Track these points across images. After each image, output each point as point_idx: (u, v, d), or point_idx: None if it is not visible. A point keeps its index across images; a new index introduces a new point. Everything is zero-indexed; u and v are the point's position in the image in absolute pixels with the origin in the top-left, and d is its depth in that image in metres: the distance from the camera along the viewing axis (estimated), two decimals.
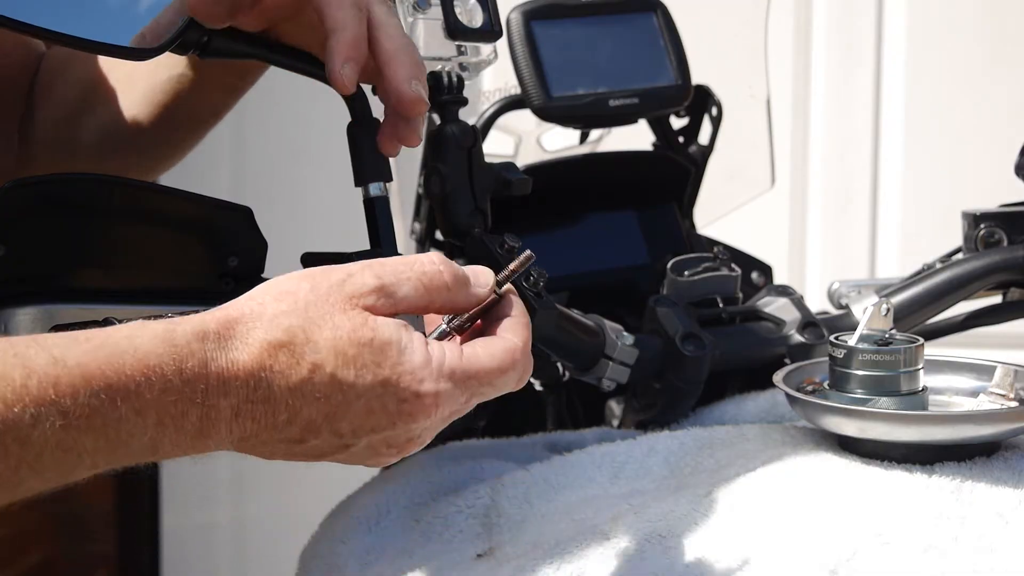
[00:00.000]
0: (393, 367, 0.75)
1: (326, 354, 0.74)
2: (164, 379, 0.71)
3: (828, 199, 2.65)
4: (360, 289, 0.76)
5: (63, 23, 0.87)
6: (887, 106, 2.63)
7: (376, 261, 0.78)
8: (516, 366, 0.79)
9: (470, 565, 0.93)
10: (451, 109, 1.01)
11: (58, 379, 0.68)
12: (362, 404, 0.75)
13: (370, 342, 0.74)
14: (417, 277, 0.77)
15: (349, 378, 0.74)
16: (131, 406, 0.70)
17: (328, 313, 0.75)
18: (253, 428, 0.74)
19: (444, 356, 0.76)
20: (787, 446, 0.97)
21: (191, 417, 0.72)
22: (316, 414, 0.75)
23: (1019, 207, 1.17)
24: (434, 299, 0.78)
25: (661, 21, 1.17)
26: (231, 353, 0.73)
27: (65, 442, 0.68)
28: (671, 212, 1.28)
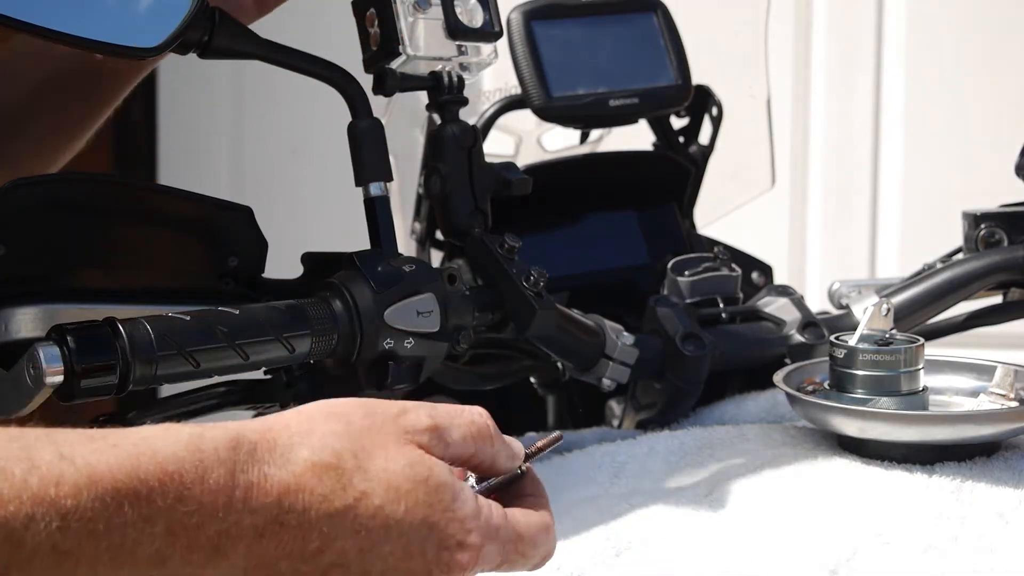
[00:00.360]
0: (444, 511, 0.70)
1: (376, 484, 0.69)
2: (182, 487, 0.65)
3: (828, 199, 2.65)
4: (415, 425, 0.71)
5: (63, 22, 0.87)
6: (887, 106, 2.63)
7: (427, 404, 0.74)
8: (549, 541, 0.76)
9: None
10: (451, 109, 1.01)
11: (61, 477, 0.63)
12: (402, 545, 0.69)
13: (425, 480, 0.70)
14: (467, 425, 0.74)
15: (397, 514, 0.69)
16: (139, 512, 0.64)
17: (382, 444, 0.70)
18: (275, 554, 0.67)
19: (492, 512, 0.72)
20: (787, 446, 0.97)
21: (207, 531, 0.66)
22: (351, 547, 0.69)
23: (1019, 207, 1.17)
24: (478, 452, 0.74)
25: (661, 21, 1.17)
26: (266, 468, 0.67)
27: (61, 546, 0.63)
28: (671, 212, 1.28)
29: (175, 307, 0.88)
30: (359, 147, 0.96)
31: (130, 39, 0.90)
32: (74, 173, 0.96)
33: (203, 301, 0.90)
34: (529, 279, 0.98)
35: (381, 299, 0.92)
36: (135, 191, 0.91)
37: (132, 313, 0.85)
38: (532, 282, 0.98)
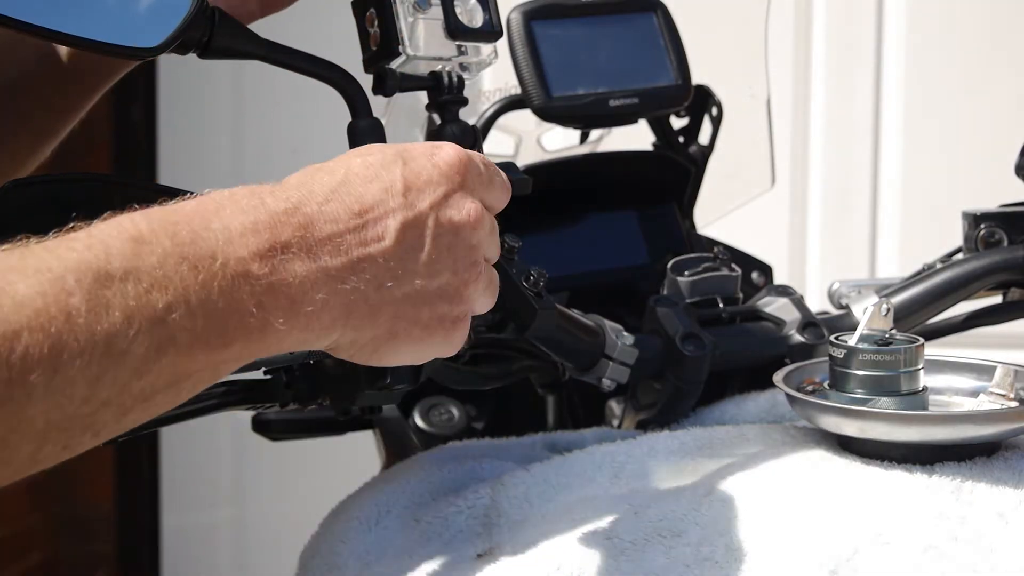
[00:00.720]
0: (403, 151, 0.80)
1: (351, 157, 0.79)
2: (235, 197, 0.72)
3: (828, 199, 2.65)
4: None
5: (63, 22, 0.87)
6: (887, 106, 2.63)
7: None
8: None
9: (470, 565, 0.93)
10: (451, 109, 1.01)
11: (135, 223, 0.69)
12: (402, 157, 0.79)
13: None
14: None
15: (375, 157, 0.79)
16: (214, 221, 0.70)
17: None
18: (333, 228, 0.74)
19: None
20: (787, 446, 0.97)
21: (291, 223, 0.72)
22: (375, 189, 0.77)
23: (1019, 207, 1.17)
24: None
25: (661, 21, 1.17)
26: (343, 198, 0.76)
27: (147, 268, 0.66)
28: (671, 212, 1.28)
29: None
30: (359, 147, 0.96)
31: (130, 39, 0.90)
32: (74, 173, 0.96)
33: None
34: (529, 279, 0.98)
35: None
36: (135, 191, 0.91)
37: None
38: (532, 282, 0.98)
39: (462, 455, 1.08)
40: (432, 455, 1.08)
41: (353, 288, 0.74)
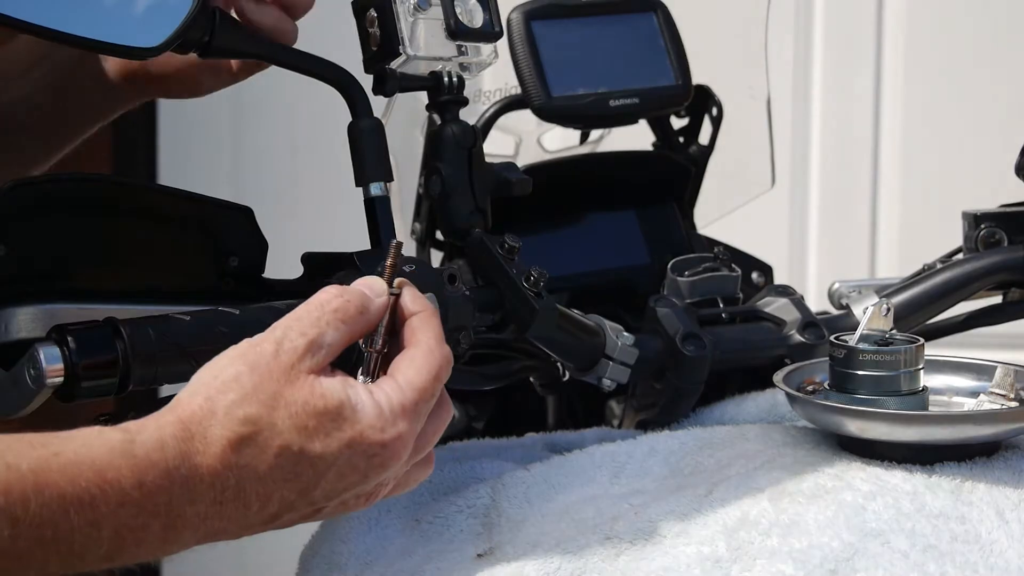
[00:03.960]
0: (352, 427, 0.76)
1: (289, 434, 0.74)
2: (122, 493, 0.70)
3: (828, 199, 2.65)
4: (294, 355, 0.76)
5: (63, 22, 0.87)
6: (887, 106, 2.63)
7: (290, 317, 0.78)
8: (441, 364, 0.80)
9: (470, 565, 0.93)
10: (451, 109, 1.01)
11: (9, 487, 0.66)
12: (334, 472, 0.76)
13: (325, 409, 0.75)
14: (332, 316, 0.78)
15: (317, 449, 0.75)
16: (85, 518, 0.69)
17: (277, 392, 0.75)
18: (222, 525, 0.74)
19: (389, 397, 0.77)
20: (787, 446, 0.97)
21: (153, 528, 0.71)
22: (289, 492, 0.75)
23: (1019, 207, 1.17)
24: (353, 329, 0.79)
25: (661, 21, 1.17)
26: (194, 459, 0.72)
27: (13, 552, 0.67)
28: (671, 212, 1.28)
29: (175, 307, 0.87)
30: (359, 147, 0.96)
31: (131, 39, 0.90)
32: (74, 173, 0.96)
33: (203, 301, 0.90)
34: (529, 279, 0.98)
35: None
36: (135, 191, 0.91)
37: (132, 313, 0.85)
38: (532, 282, 0.98)
39: (462, 455, 1.08)
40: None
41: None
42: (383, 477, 0.79)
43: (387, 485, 0.80)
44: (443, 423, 0.82)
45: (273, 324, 0.78)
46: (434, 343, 0.80)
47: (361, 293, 0.80)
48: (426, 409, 0.79)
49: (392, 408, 0.77)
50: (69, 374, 0.81)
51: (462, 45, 1.00)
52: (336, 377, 0.77)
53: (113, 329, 0.82)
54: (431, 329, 0.81)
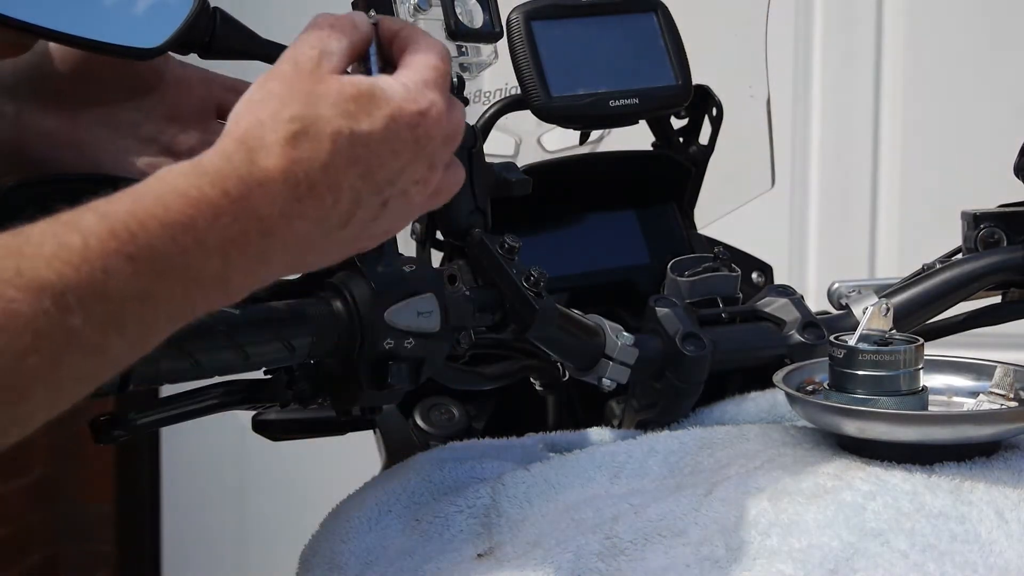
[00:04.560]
0: (388, 103, 0.80)
1: (336, 120, 0.78)
2: (212, 205, 0.73)
3: (828, 199, 2.65)
4: (312, 62, 0.80)
5: (64, 23, 0.87)
6: (886, 106, 2.63)
7: (293, 43, 0.82)
8: (440, 49, 0.84)
9: (470, 565, 0.93)
10: None
11: (114, 230, 0.69)
12: (387, 148, 0.79)
13: (359, 93, 0.79)
14: (331, 30, 0.82)
15: (365, 128, 0.78)
16: (191, 237, 0.71)
17: (311, 90, 0.78)
18: (306, 229, 0.77)
19: (410, 76, 0.82)
20: (787, 446, 0.98)
21: (250, 236, 0.74)
22: (354, 178, 0.78)
23: (1019, 207, 1.17)
24: (352, 39, 0.83)
25: (661, 21, 1.17)
26: (260, 162, 0.75)
27: (141, 290, 0.69)
28: (671, 212, 1.28)
29: None
30: None
31: (131, 39, 0.90)
32: (74, 173, 0.95)
33: None
34: (529, 279, 0.98)
35: (381, 299, 0.92)
36: None
37: None
38: (532, 282, 0.98)
39: (462, 455, 1.08)
40: (432, 455, 1.08)
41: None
42: (430, 151, 0.81)
43: (436, 168, 0.83)
44: (460, 116, 0.85)
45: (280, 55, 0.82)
46: (425, 36, 0.85)
47: (348, 15, 0.84)
48: (446, 83, 0.83)
49: (416, 83, 0.81)
50: None
51: (462, 45, 1.00)
52: (357, 73, 0.81)
53: None
54: (419, 33, 0.85)
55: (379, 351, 0.92)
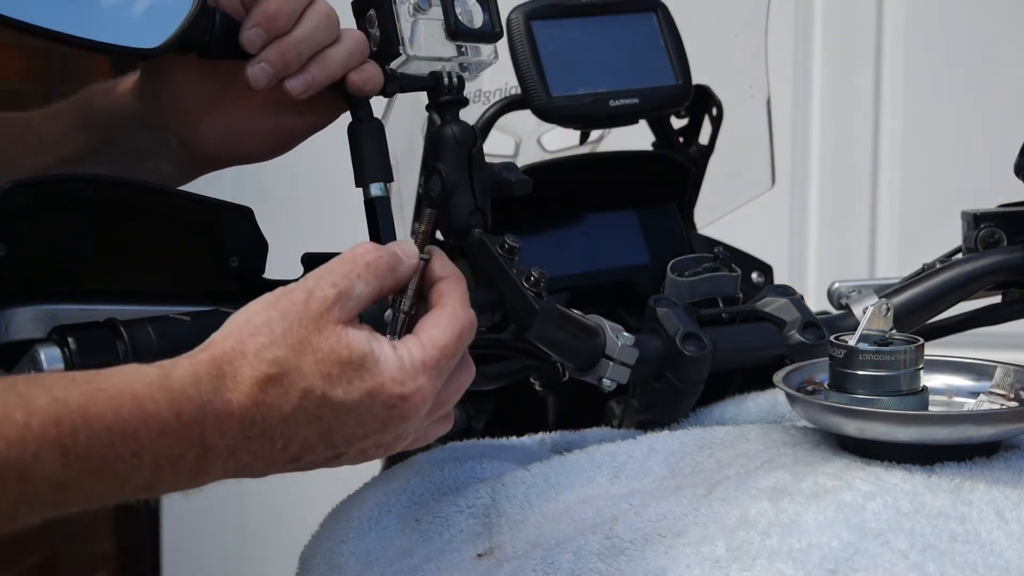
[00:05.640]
0: (374, 377, 0.79)
1: (313, 378, 0.78)
2: (161, 423, 0.73)
3: (828, 199, 2.65)
4: (324, 304, 0.79)
5: (64, 23, 0.87)
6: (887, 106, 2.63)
7: (324, 268, 0.81)
8: (465, 326, 0.84)
9: (470, 565, 0.93)
10: (451, 109, 1.01)
11: (59, 419, 0.70)
12: (353, 418, 0.79)
13: (349, 359, 0.78)
14: (364, 270, 0.81)
15: (338, 396, 0.78)
16: (129, 448, 0.72)
17: (305, 338, 0.78)
18: (249, 460, 0.78)
19: (411, 353, 0.81)
20: (787, 446, 0.98)
21: (188, 458, 0.75)
22: (311, 434, 0.79)
23: (1019, 207, 1.17)
24: (383, 284, 0.82)
25: (661, 21, 1.17)
26: (225, 394, 0.76)
27: (63, 481, 0.71)
28: (671, 212, 1.28)
29: (176, 308, 0.88)
30: (359, 148, 0.97)
31: (131, 40, 0.90)
32: (74, 173, 0.96)
33: (204, 302, 0.90)
34: (529, 279, 0.98)
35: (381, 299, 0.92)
36: (135, 191, 0.91)
37: (133, 314, 0.85)
38: (532, 282, 0.98)
39: (462, 455, 1.08)
40: (432, 455, 1.08)
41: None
42: (402, 429, 0.82)
43: (406, 438, 0.84)
44: (464, 382, 0.85)
45: (305, 275, 0.82)
46: (459, 306, 0.84)
47: (393, 252, 0.84)
48: (447, 367, 0.82)
49: (414, 364, 0.80)
50: None
51: (462, 45, 1.00)
52: (363, 330, 0.80)
53: (113, 330, 0.82)
54: (457, 293, 0.85)
55: None
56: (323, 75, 0.95)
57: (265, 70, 0.94)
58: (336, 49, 0.95)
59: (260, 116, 0.99)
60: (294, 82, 0.94)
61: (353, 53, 0.95)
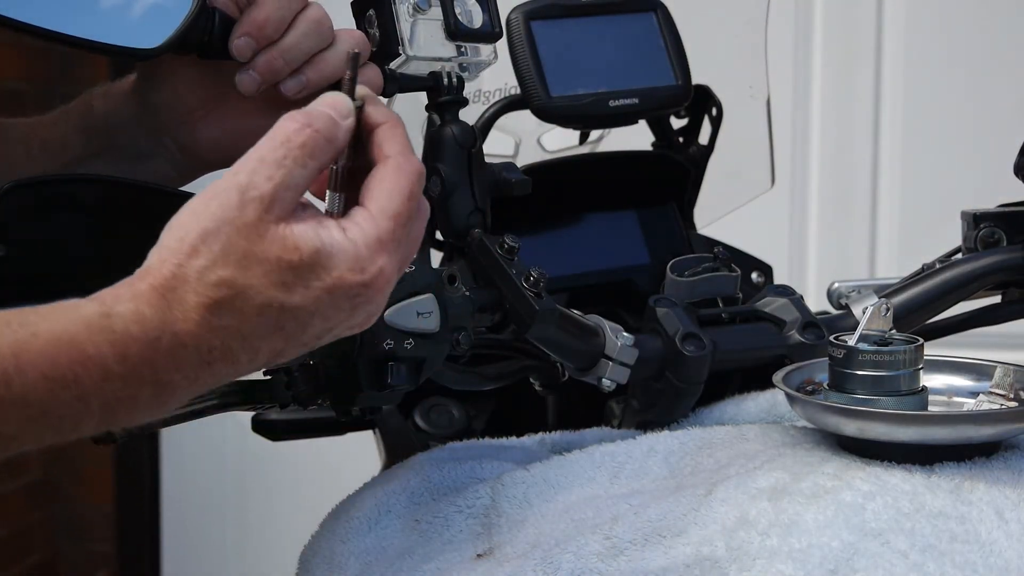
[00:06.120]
0: (330, 273, 0.73)
1: (267, 291, 0.72)
2: (105, 368, 0.69)
3: (828, 199, 2.65)
4: (261, 205, 0.72)
5: (63, 23, 0.87)
6: (887, 106, 2.63)
7: (254, 154, 0.74)
8: (413, 180, 0.77)
9: (470, 565, 0.93)
10: (451, 109, 1.01)
11: None
12: (318, 318, 0.74)
13: (300, 261, 0.72)
14: (299, 151, 0.74)
15: (297, 301, 0.73)
16: (71, 393, 0.69)
17: (248, 250, 0.72)
18: (215, 381, 0.73)
19: (364, 232, 0.75)
20: (787, 446, 0.98)
21: (143, 396, 0.71)
22: (277, 342, 0.74)
23: (1019, 207, 1.17)
24: (322, 162, 0.75)
25: (661, 21, 1.17)
26: (174, 327, 0.71)
27: (3, 431, 0.67)
28: (671, 212, 1.28)
29: None
30: None
31: (130, 40, 0.90)
32: (74, 173, 0.96)
33: None
34: (529, 279, 0.98)
35: None
36: (135, 191, 0.91)
37: None
38: (532, 282, 0.98)
39: (462, 455, 1.08)
40: (432, 455, 1.08)
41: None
42: (371, 309, 0.77)
43: (378, 311, 0.78)
44: (422, 227, 0.79)
45: (235, 164, 0.74)
46: (402, 158, 0.77)
47: (328, 119, 0.75)
48: (404, 233, 0.76)
49: (368, 245, 0.74)
50: None
51: (462, 46, 1.00)
52: (307, 222, 0.73)
53: None
54: (398, 141, 0.78)
55: (379, 352, 0.92)
56: (318, 77, 0.95)
57: (253, 78, 0.94)
58: (332, 52, 0.95)
59: (258, 117, 0.99)
60: (289, 83, 0.94)
61: None
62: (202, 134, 1.00)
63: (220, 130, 1.00)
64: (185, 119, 1.00)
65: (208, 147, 1.01)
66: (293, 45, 0.93)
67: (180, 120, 1.00)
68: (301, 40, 0.93)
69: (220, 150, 1.01)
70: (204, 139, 1.00)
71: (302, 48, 0.94)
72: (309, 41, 0.94)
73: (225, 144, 1.00)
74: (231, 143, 1.00)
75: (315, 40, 0.94)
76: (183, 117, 0.99)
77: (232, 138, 1.00)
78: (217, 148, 1.01)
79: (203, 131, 1.00)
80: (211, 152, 1.01)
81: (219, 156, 1.01)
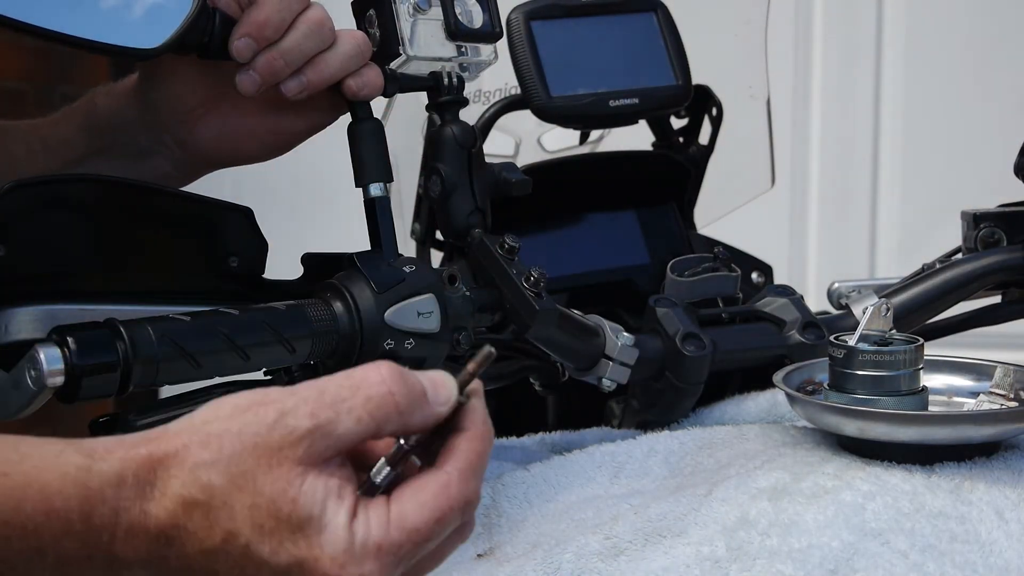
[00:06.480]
0: (310, 548, 0.66)
1: (241, 523, 0.66)
2: (67, 523, 0.65)
3: (828, 199, 2.65)
4: (290, 436, 0.66)
5: (64, 23, 0.87)
6: (887, 106, 2.63)
7: (315, 389, 0.68)
8: (454, 507, 0.68)
9: (470, 565, 0.93)
10: (451, 109, 1.01)
11: None
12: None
13: (288, 516, 0.66)
14: (361, 406, 0.67)
15: (263, 553, 0.66)
16: (28, 545, 0.65)
17: (250, 472, 0.66)
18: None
19: (368, 531, 0.67)
20: (787, 446, 0.98)
21: (96, 563, 0.66)
22: (232, 571, 0.67)
23: (1019, 207, 1.17)
24: (382, 427, 0.68)
25: (661, 21, 1.17)
26: (145, 504, 0.66)
27: None
28: (671, 212, 1.28)
29: (176, 308, 0.88)
30: (359, 148, 0.97)
31: (131, 40, 0.90)
32: (74, 173, 0.96)
33: (204, 302, 0.90)
34: (529, 279, 0.98)
35: (382, 300, 0.92)
36: (135, 191, 0.91)
37: (133, 314, 0.85)
38: (532, 282, 0.98)
39: None
40: None
41: None
42: None
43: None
44: (448, 549, 0.71)
45: (299, 384, 0.69)
46: (456, 475, 0.68)
47: (415, 394, 0.69)
48: (412, 553, 0.68)
49: (365, 546, 0.67)
50: (70, 375, 0.81)
51: (462, 45, 1.00)
52: (327, 480, 0.67)
53: (113, 330, 0.82)
54: (464, 457, 0.69)
55: (379, 351, 0.92)
56: (318, 78, 0.95)
57: (253, 78, 0.94)
58: (332, 53, 0.95)
59: (258, 117, 0.99)
60: (289, 83, 0.94)
61: (351, 56, 0.95)
62: (202, 133, 1.00)
63: (220, 129, 1.00)
64: (185, 117, 1.00)
65: (208, 145, 1.01)
66: (293, 46, 0.93)
67: (180, 118, 1.00)
68: (301, 41, 0.93)
69: (220, 149, 1.01)
70: (204, 138, 1.00)
71: (302, 49, 0.94)
72: (310, 42, 0.94)
73: (226, 143, 1.00)
74: (231, 142, 1.00)
75: (316, 41, 0.94)
76: (183, 115, 1.00)
77: (232, 137, 1.00)
78: (217, 147, 1.01)
79: (203, 130, 1.00)
80: (211, 150, 1.01)
81: (219, 154, 1.01)
